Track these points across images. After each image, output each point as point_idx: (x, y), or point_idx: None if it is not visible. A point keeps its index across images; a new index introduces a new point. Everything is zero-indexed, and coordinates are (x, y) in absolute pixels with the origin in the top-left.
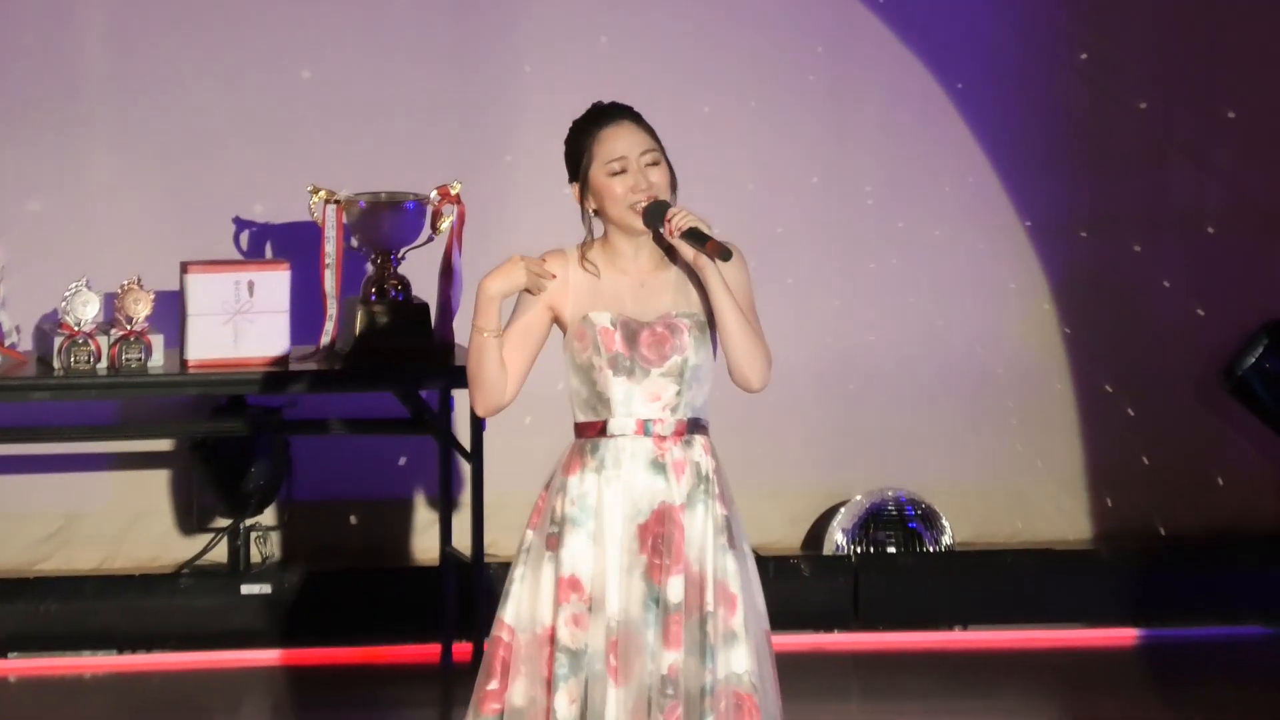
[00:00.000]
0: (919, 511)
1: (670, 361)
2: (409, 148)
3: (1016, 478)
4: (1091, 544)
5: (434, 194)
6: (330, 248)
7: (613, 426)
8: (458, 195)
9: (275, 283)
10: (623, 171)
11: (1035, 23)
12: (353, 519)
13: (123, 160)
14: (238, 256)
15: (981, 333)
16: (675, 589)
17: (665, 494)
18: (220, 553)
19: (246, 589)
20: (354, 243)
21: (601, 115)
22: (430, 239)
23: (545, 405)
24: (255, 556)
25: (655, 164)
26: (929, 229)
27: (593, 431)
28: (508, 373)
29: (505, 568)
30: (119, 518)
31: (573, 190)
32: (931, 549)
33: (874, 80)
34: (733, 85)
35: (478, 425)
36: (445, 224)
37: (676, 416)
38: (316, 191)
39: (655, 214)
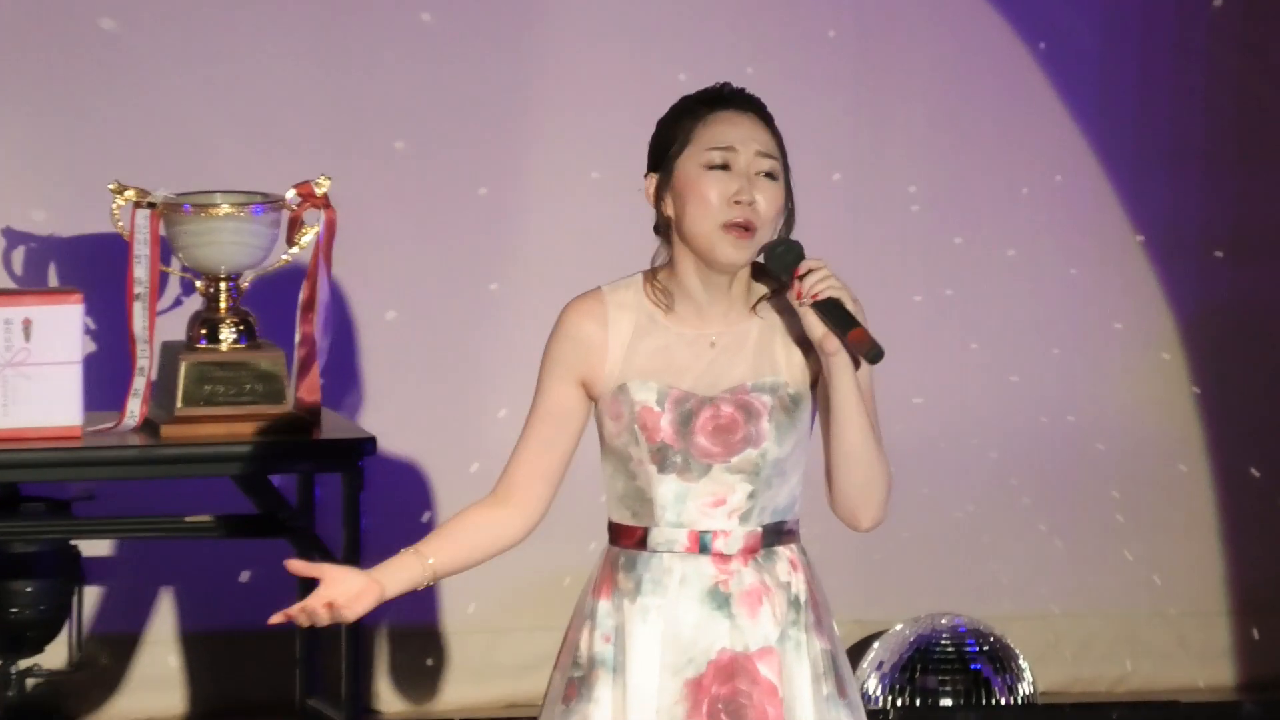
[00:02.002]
0: (984, 647)
1: (741, 456)
2: (256, 130)
3: (1124, 599)
4: (1234, 694)
5: (292, 194)
6: (141, 271)
7: (655, 538)
8: (326, 197)
9: (63, 321)
10: (724, 167)
11: None
12: (172, 660)
13: None
14: (9, 284)
15: (1074, 393)
16: None
17: (728, 638)
18: None
19: None
20: (176, 264)
21: (719, 97)
22: (287, 258)
23: (458, 491)
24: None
25: (771, 177)
26: (999, 247)
27: (629, 540)
28: (524, 509)
29: None
30: None
31: (647, 184)
32: (1003, 700)
33: (921, 38)
34: (721, 45)
35: (354, 523)
36: (308, 236)
37: (747, 528)
38: (122, 191)
39: (784, 260)
